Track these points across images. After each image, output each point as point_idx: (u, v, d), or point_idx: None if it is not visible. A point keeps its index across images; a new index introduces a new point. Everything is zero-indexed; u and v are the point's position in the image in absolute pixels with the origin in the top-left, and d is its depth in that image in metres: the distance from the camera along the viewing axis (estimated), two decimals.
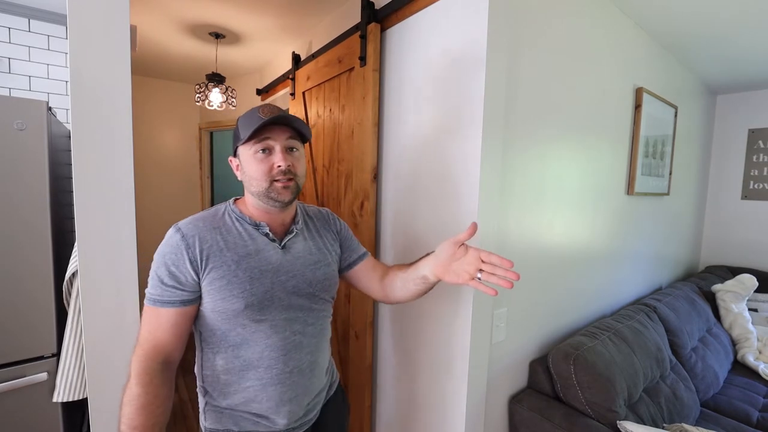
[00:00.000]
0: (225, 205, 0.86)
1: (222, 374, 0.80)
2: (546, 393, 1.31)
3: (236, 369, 0.80)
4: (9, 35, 1.65)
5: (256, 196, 0.82)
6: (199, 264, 0.75)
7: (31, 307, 1.16)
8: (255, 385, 0.80)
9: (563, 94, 1.33)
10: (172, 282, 0.74)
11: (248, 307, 0.77)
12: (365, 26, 1.35)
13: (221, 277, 0.75)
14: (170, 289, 0.74)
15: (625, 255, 1.84)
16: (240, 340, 0.79)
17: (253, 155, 0.80)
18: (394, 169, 1.36)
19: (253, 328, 0.78)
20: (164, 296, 0.74)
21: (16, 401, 1.14)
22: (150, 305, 0.75)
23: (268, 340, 0.79)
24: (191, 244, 0.75)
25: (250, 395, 0.80)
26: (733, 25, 1.65)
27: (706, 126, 2.67)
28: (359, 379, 1.51)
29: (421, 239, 1.24)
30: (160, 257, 0.75)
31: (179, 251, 0.74)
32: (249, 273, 0.77)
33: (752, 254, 2.63)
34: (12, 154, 1.12)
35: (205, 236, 0.77)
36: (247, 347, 0.79)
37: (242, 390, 0.80)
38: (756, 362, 1.95)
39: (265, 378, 0.80)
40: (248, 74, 2.91)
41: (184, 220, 0.79)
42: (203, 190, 3.33)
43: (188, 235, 0.76)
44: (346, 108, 1.53)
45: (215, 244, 0.77)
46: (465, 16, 1.05)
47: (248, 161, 0.81)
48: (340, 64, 1.53)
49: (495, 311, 1.17)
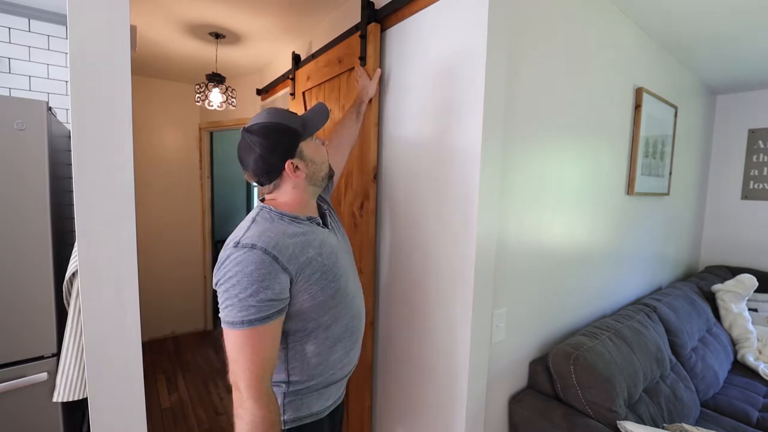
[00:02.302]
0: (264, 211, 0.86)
1: (313, 358, 0.85)
2: (546, 393, 1.31)
3: (326, 347, 0.86)
4: (9, 35, 1.65)
5: (320, 181, 0.92)
6: (291, 270, 0.77)
7: (31, 307, 1.16)
8: (341, 354, 0.89)
9: (563, 94, 1.33)
10: (267, 297, 0.73)
11: (340, 287, 0.86)
12: (365, 26, 1.36)
13: (315, 271, 0.81)
14: (266, 303, 0.73)
15: (625, 255, 1.84)
16: (331, 321, 0.86)
17: (315, 145, 0.91)
18: (395, 169, 1.36)
19: (341, 306, 0.87)
20: (261, 313, 0.73)
21: (16, 401, 1.14)
22: (247, 328, 0.73)
23: (351, 311, 0.90)
24: (278, 255, 0.76)
25: (336, 365, 0.88)
26: (733, 25, 1.65)
27: (706, 126, 2.68)
28: (359, 379, 1.51)
29: (421, 239, 1.24)
30: (243, 278, 0.73)
31: (268, 265, 0.74)
32: (331, 258, 0.86)
33: (752, 254, 2.63)
34: (12, 154, 1.11)
35: (283, 243, 0.78)
36: (336, 324, 0.87)
37: (331, 364, 0.87)
38: (756, 362, 1.95)
39: (348, 345, 0.90)
40: (248, 74, 2.91)
41: (246, 238, 0.77)
42: (203, 190, 3.33)
43: (269, 248, 0.75)
44: (347, 107, 1.52)
45: (295, 247, 0.80)
46: (465, 16, 1.05)
47: (317, 151, 0.91)
48: (340, 64, 1.53)
49: (495, 311, 1.17)
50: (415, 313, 1.28)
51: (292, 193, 0.89)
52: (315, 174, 0.90)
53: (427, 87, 1.20)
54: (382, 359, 1.47)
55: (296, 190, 0.89)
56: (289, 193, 0.89)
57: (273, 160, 0.84)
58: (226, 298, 0.74)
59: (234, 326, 0.73)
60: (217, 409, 2.32)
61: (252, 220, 0.84)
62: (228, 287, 0.73)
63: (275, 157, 0.84)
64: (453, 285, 1.13)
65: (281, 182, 0.88)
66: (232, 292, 0.73)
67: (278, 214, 0.85)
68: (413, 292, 1.29)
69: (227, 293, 0.74)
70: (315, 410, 0.87)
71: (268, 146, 0.83)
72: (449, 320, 1.15)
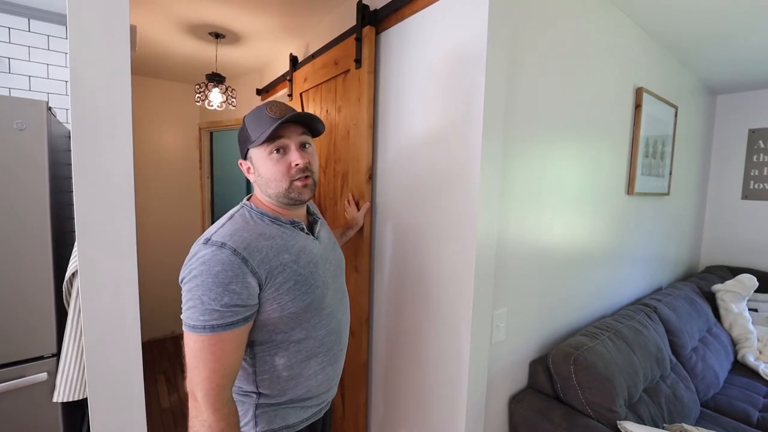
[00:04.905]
0: (245, 209, 0.81)
1: (283, 372, 0.79)
2: (546, 393, 1.31)
3: (299, 362, 0.80)
4: (9, 35, 1.65)
5: (274, 197, 0.81)
6: (261, 275, 0.71)
7: (31, 307, 1.16)
8: (316, 370, 0.83)
9: (563, 94, 1.33)
10: (233, 302, 0.68)
11: (315, 300, 0.80)
12: (360, 29, 1.38)
13: (288, 280, 0.75)
14: (231, 309, 0.68)
15: (625, 255, 1.83)
16: (303, 335, 0.80)
17: (268, 156, 0.79)
18: (393, 170, 1.36)
19: (316, 320, 0.81)
20: (225, 319, 0.67)
21: (16, 401, 1.14)
22: (208, 333, 0.67)
23: (328, 326, 0.84)
24: (248, 257, 0.70)
25: (311, 381, 0.83)
26: (733, 24, 1.65)
27: (706, 126, 2.67)
28: (354, 376, 1.52)
29: (422, 239, 1.24)
30: (208, 279, 0.67)
31: (236, 267, 0.68)
32: (308, 268, 0.80)
33: (752, 254, 2.63)
34: (12, 154, 1.11)
35: (256, 245, 0.72)
36: (310, 339, 0.81)
37: (305, 379, 0.82)
38: (756, 362, 1.95)
39: (324, 360, 0.84)
40: (248, 74, 2.91)
41: (217, 235, 0.72)
42: (203, 190, 3.33)
43: (240, 248, 0.70)
44: (343, 109, 1.55)
45: (269, 251, 0.74)
46: (465, 16, 1.05)
47: (263, 163, 0.80)
48: (336, 66, 1.55)
49: (495, 311, 1.17)
50: (415, 313, 1.28)
51: (262, 198, 0.84)
52: (262, 186, 0.82)
53: (426, 87, 1.20)
54: (381, 359, 1.47)
55: (262, 197, 0.84)
56: (261, 198, 0.84)
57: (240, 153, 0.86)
58: (189, 299, 0.68)
59: (195, 330, 0.67)
60: None
61: (230, 216, 0.79)
62: (192, 287, 0.68)
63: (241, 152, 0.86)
64: (453, 285, 1.13)
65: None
66: (195, 292, 0.67)
67: (258, 213, 0.80)
68: (413, 292, 1.29)
69: (190, 293, 0.68)
70: (291, 422, 0.82)
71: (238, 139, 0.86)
72: (449, 320, 1.15)
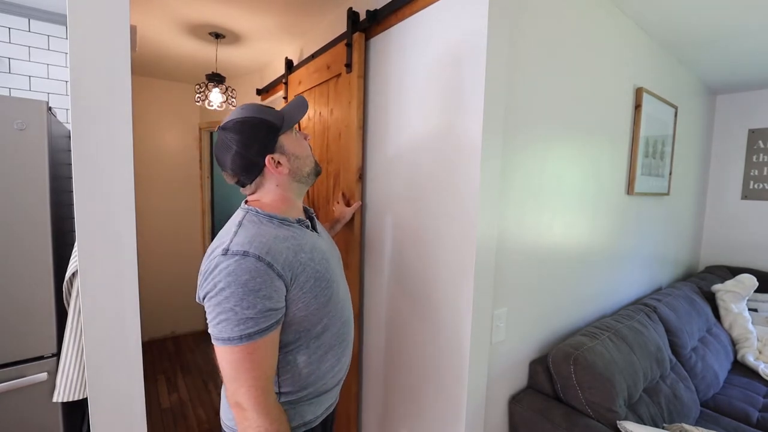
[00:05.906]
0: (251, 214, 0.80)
1: (304, 368, 0.81)
2: (546, 393, 1.31)
3: (318, 357, 0.82)
4: (9, 35, 1.65)
5: (305, 177, 0.87)
6: (287, 277, 0.73)
7: (31, 307, 1.16)
8: (332, 362, 0.85)
9: (563, 94, 1.33)
10: (266, 307, 0.69)
11: (333, 294, 0.83)
12: (350, 35, 1.43)
13: (309, 278, 0.77)
14: (264, 314, 0.69)
15: (625, 255, 1.83)
16: (322, 329, 0.82)
17: (296, 137, 0.86)
18: (388, 170, 1.36)
19: (333, 313, 0.84)
20: (260, 325, 0.68)
21: (16, 401, 1.14)
22: (245, 343, 0.68)
23: (342, 317, 0.87)
24: (272, 262, 0.71)
25: (328, 373, 0.85)
26: (733, 25, 1.65)
27: (706, 126, 2.67)
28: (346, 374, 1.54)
29: (421, 239, 1.24)
30: (238, 289, 0.67)
31: (263, 273, 0.69)
32: (322, 264, 0.82)
33: (752, 254, 2.63)
34: (12, 154, 1.11)
35: (276, 248, 0.73)
36: (328, 332, 0.83)
37: (322, 372, 0.84)
38: (756, 362, 1.95)
39: (339, 352, 0.87)
40: (248, 74, 2.91)
41: (235, 244, 0.71)
42: (203, 190, 3.33)
43: (262, 254, 0.70)
44: (335, 111, 1.60)
45: (288, 252, 0.75)
46: (464, 16, 1.05)
47: (298, 144, 0.86)
48: (328, 70, 1.60)
49: (495, 311, 1.17)
50: (414, 313, 1.28)
51: (276, 192, 0.83)
52: (299, 169, 0.85)
53: (425, 88, 1.20)
54: (380, 359, 1.47)
55: (280, 188, 0.83)
56: (273, 192, 0.83)
57: (251, 155, 0.79)
58: (219, 312, 0.68)
59: (231, 342, 0.67)
60: (217, 409, 2.31)
61: (238, 224, 0.77)
62: (220, 300, 0.67)
63: (253, 153, 0.79)
64: (453, 285, 1.13)
65: (264, 180, 0.83)
66: (225, 305, 0.67)
67: (266, 216, 0.79)
68: (412, 291, 1.29)
69: (219, 307, 0.68)
70: (308, 419, 0.84)
71: (243, 141, 0.78)
72: (449, 320, 1.15)
